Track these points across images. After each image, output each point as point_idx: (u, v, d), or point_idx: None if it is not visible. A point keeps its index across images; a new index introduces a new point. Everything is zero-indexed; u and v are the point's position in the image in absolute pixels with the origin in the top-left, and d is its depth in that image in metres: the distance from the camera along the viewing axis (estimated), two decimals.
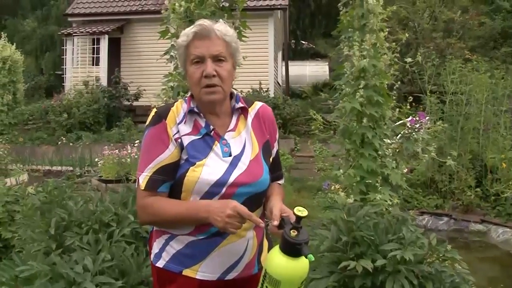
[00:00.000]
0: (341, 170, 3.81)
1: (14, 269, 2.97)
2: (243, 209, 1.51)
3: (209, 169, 1.60)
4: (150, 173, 1.61)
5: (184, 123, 1.65)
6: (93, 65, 15.29)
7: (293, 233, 1.45)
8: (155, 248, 1.71)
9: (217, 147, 1.64)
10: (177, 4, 3.61)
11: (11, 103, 13.24)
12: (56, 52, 20.71)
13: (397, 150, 4.02)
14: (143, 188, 1.61)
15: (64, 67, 15.70)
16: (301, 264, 1.45)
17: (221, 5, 4.09)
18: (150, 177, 1.61)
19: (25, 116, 13.73)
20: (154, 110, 1.68)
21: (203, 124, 1.66)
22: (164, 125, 1.62)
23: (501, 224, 6.45)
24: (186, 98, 1.72)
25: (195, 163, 1.60)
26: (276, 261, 1.46)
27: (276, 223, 1.52)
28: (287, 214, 1.54)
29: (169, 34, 3.91)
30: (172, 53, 3.95)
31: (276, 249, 1.49)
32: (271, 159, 1.77)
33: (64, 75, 15.70)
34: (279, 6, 15.97)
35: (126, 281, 2.57)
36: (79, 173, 9.43)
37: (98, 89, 14.18)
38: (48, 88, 19.92)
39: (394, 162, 3.78)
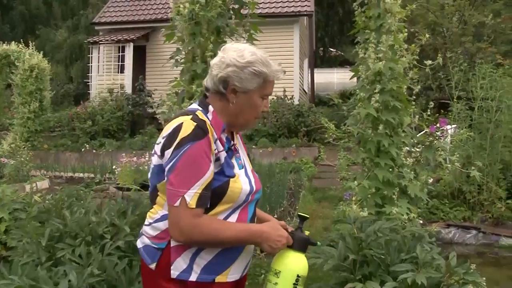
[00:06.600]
0: (355, 182, 3.56)
1: None
2: (285, 224, 1.81)
3: (243, 179, 1.72)
4: (200, 190, 1.59)
5: (218, 139, 1.69)
6: (118, 72, 15.44)
7: (307, 232, 1.81)
8: (182, 264, 1.65)
9: (234, 159, 1.76)
10: (181, 6, 3.45)
11: (37, 111, 13.37)
12: (84, 60, 21.09)
13: (418, 160, 3.74)
14: (194, 206, 1.59)
15: (90, 74, 15.92)
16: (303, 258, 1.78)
17: (230, 7, 3.92)
18: (200, 194, 1.60)
19: (51, 123, 13.87)
20: (192, 122, 1.63)
21: (224, 139, 1.73)
22: (209, 140, 1.63)
23: None
24: (207, 111, 1.72)
25: (234, 175, 1.68)
26: (289, 258, 1.74)
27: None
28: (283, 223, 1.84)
29: (175, 37, 3.76)
30: (178, 57, 3.80)
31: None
32: None
33: (90, 83, 15.89)
34: (304, 13, 15.78)
35: None
36: (98, 180, 9.40)
37: (122, 97, 14.26)
38: (76, 96, 20.32)
39: (412, 172, 3.50)
